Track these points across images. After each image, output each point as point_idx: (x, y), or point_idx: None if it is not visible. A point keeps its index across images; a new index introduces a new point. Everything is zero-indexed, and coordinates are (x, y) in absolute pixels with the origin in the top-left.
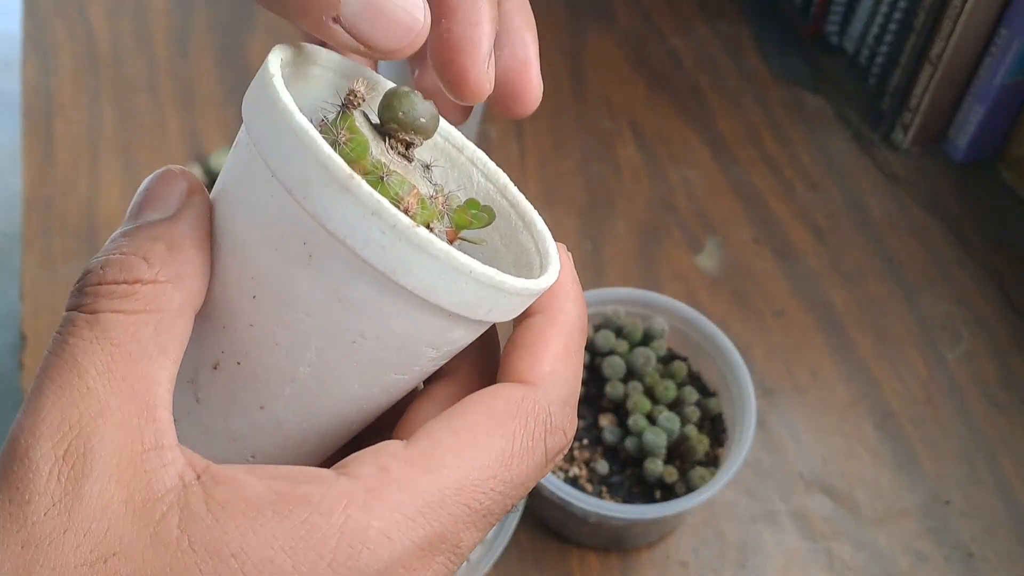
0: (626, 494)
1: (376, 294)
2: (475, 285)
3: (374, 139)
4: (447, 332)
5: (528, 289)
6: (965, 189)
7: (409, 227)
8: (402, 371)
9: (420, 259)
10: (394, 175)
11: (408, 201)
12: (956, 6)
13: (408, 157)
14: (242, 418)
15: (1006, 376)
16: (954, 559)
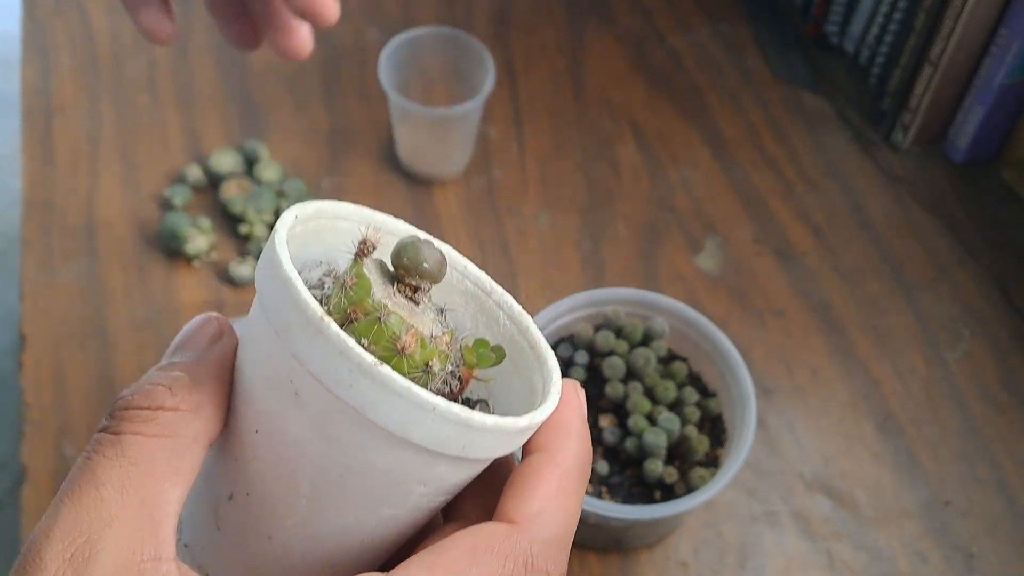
0: (626, 495)
1: (354, 430)
2: (441, 421)
3: (383, 284)
4: (430, 468)
5: (501, 427)
6: (965, 189)
7: (372, 365)
8: (395, 506)
9: (385, 396)
10: (393, 315)
11: (405, 340)
12: (956, 6)
13: (415, 300)
14: (254, 547)
15: (1006, 376)
16: (954, 559)
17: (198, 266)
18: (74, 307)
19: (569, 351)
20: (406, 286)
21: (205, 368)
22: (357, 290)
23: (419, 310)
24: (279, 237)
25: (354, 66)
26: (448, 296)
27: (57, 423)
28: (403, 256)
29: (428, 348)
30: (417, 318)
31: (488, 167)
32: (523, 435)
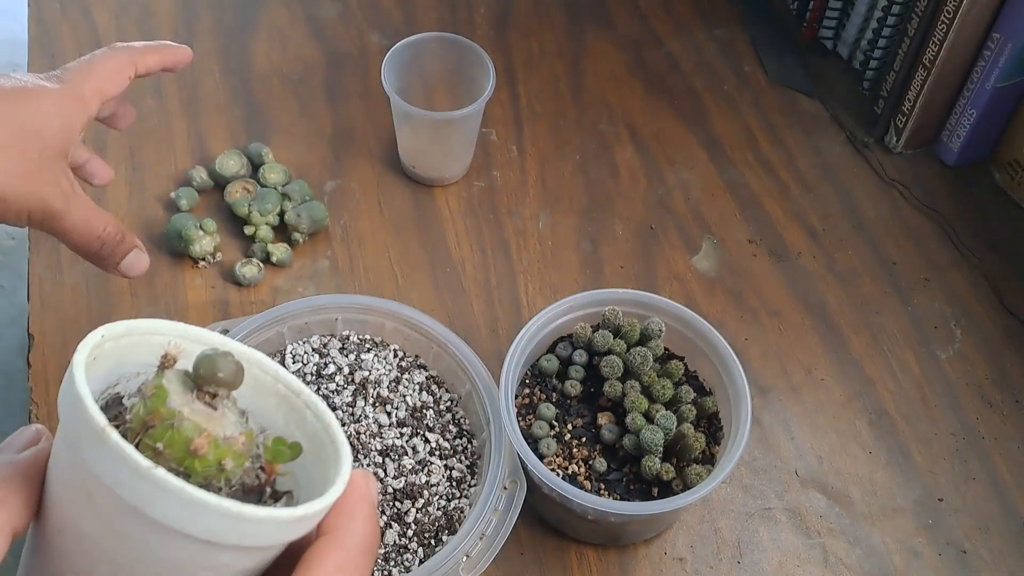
0: (624, 491)
1: (138, 526)
2: (214, 515)
3: (184, 392)
4: (213, 556)
5: (273, 518)
6: (958, 191)
7: (147, 469)
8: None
9: (161, 495)
10: (186, 421)
11: (198, 443)
12: (949, 11)
13: (214, 406)
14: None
15: (998, 375)
16: (947, 556)
17: (203, 267)
18: (81, 307)
19: (568, 350)
20: (205, 393)
21: (14, 467)
22: (154, 399)
23: (218, 414)
24: (77, 358)
25: (357, 70)
26: (263, 398)
27: None
28: (200, 367)
29: (221, 448)
30: (215, 422)
31: (488, 169)
32: (303, 523)
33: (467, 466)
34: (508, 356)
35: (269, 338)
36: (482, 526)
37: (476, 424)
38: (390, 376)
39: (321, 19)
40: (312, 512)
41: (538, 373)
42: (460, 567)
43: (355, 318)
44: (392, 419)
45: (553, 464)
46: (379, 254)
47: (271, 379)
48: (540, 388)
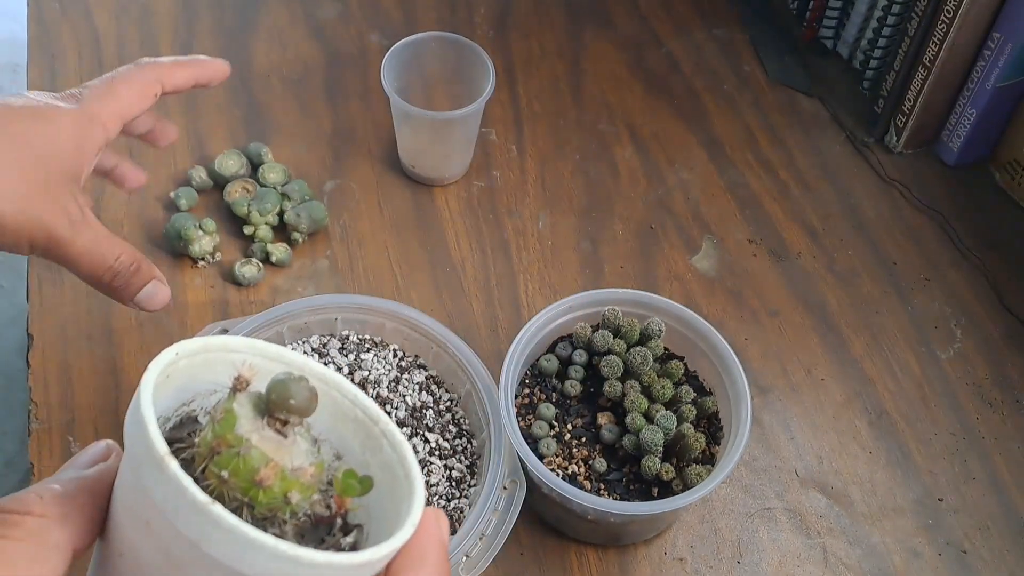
0: (624, 491)
1: (195, 559)
2: (271, 557)
3: (254, 418)
4: None
5: (332, 563)
6: (958, 191)
7: (204, 504)
8: None
9: (217, 532)
10: (253, 449)
11: (264, 473)
12: (949, 10)
13: (284, 433)
14: None
15: (998, 375)
16: (947, 555)
17: (203, 266)
18: (81, 307)
19: (568, 350)
20: (276, 420)
21: (79, 484)
22: (222, 424)
23: (288, 442)
24: (146, 378)
25: (357, 70)
26: (341, 423)
27: (64, 422)
28: (272, 392)
29: (288, 480)
30: (284, 451)
31: (488, 169)
32: (365, 569)
33: (467, 466)
34: (508, 356)
35: (268, 338)
36: (482, 526)
37: (476, 424)
38: (390, 376)
39: (321, 19)
40: (376, 558)
41: (538, 373)
42: (460, 567)
43: (355, 318)
44: (392, 419)
45: (553, 464)
46: (379, 254)
47: (349, 403)
48: (540, 388)
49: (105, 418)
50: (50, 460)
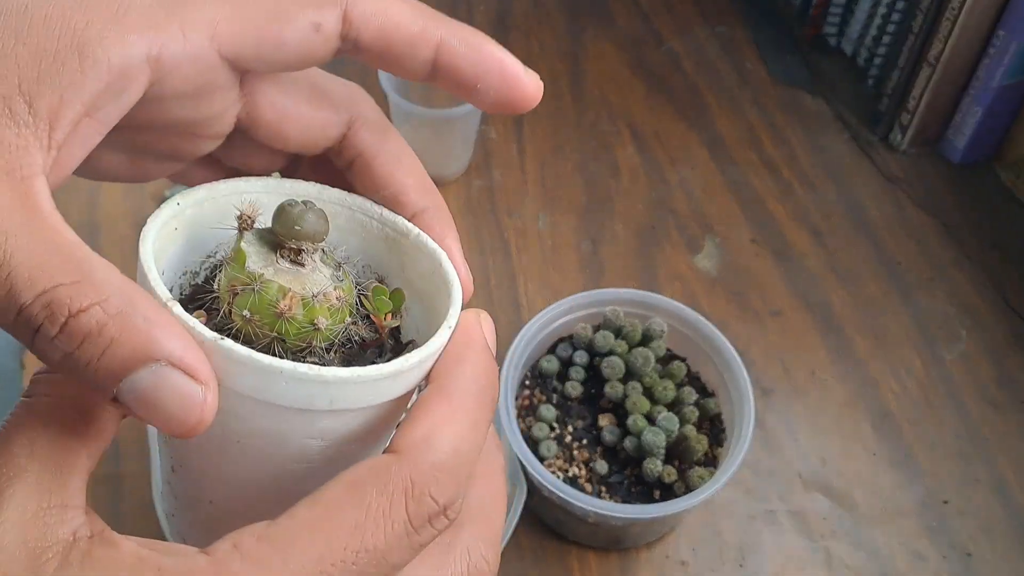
0: (625, 494)
1: (229, 400)
2: (294, 382)
3: (267, 253)
4: (311, 424)
5: (361, 377)
6: (962, 190)
7: (213, 340)
8: (301, 461)
9: (235, 366)
10: (268, 283)
11: (283, 304)
12: (954, 8)
13: (301, 262)
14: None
15: (1003, 376)
16: (952, 558)
17: None
18: None
19: (568, 351)
20: (288, 250)
21: None
22: (233, 265)
23: (307, 271)
24: (146, 229)
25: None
26: (373, 245)
27: None
28: (277, 223)
29: (312, 307)
30: (303, 279)
31: (488, 168)
32: (398, 379)
33: None
34: (508, 357)
35: None
36: None
37: None
38: None
39: None
40: (407, 366)
41: (538, 374)
42: None
43: None
44: None
45: (553, 466)
46: None
47: (377, 223)
48: (540, 389)
49: None
50: None
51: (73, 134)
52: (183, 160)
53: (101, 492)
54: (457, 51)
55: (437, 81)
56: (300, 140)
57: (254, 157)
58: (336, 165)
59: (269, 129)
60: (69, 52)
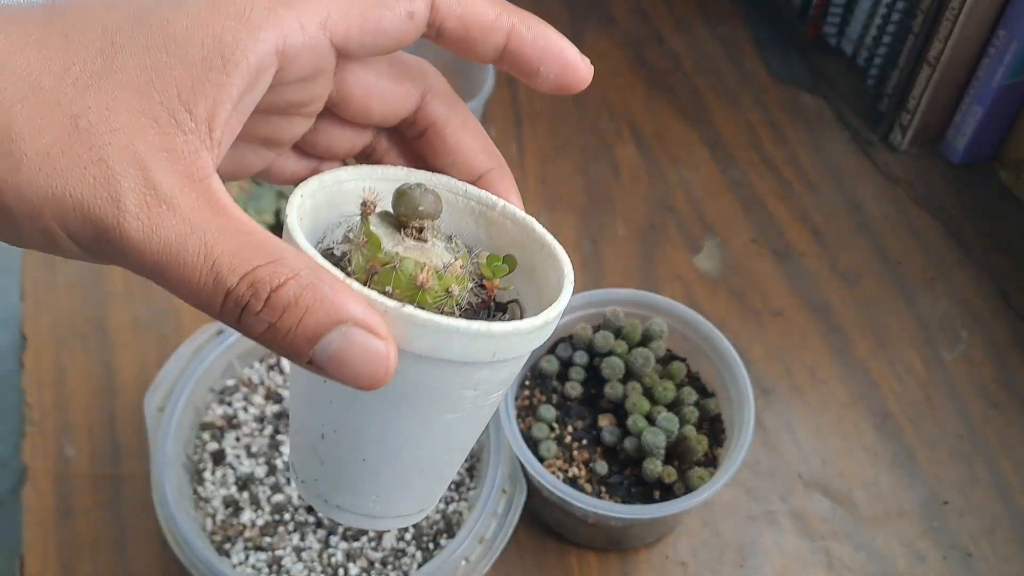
0: (625, 494)
1: (408, 365)
2: (468, 339)
3: (392, 233)
4: (472, 375)
5: (520, 330)
6: (963, 190)
7: (396, 308)
8: (454, 411)
9: (415, 330)
10: (406, 260)
11: (422, 278)
12: (954, 8)
13: (423, 239)
14: (354, 470)
15: (1004, 376)
16: (952, 559)
17: None
18: (75, 307)
19: (568, 351)
20: (411, 228)
21: None
22: (369, 247)
23: (428, 246)
24: (291, 220)
25: None
26: (461, 218)
27: (58, 423)
28: (400, 205)
29: (444, 277)
30: (429, 253)
31: None
32: (546, 329)
33: (466, 469)
34: None
35: None
36: (481, 530)
37: None
38: None
39: None
40: (552, 317)
41: (538, 374)
42: (459, 571)
43: None
44: None
45: (553, 467)
46: None
47: (462, 198)
48: (540, 390)
49: (100, 419)
50: (44, 462)
51: (226, 132)
52: (279, 147)
53: (101, 492)
54: (525, 38)
55: (502, 64)
56: (382, 113)
57: (337, 138)
58: (408, 136)
59: (356, 105)
60: (214, 58)
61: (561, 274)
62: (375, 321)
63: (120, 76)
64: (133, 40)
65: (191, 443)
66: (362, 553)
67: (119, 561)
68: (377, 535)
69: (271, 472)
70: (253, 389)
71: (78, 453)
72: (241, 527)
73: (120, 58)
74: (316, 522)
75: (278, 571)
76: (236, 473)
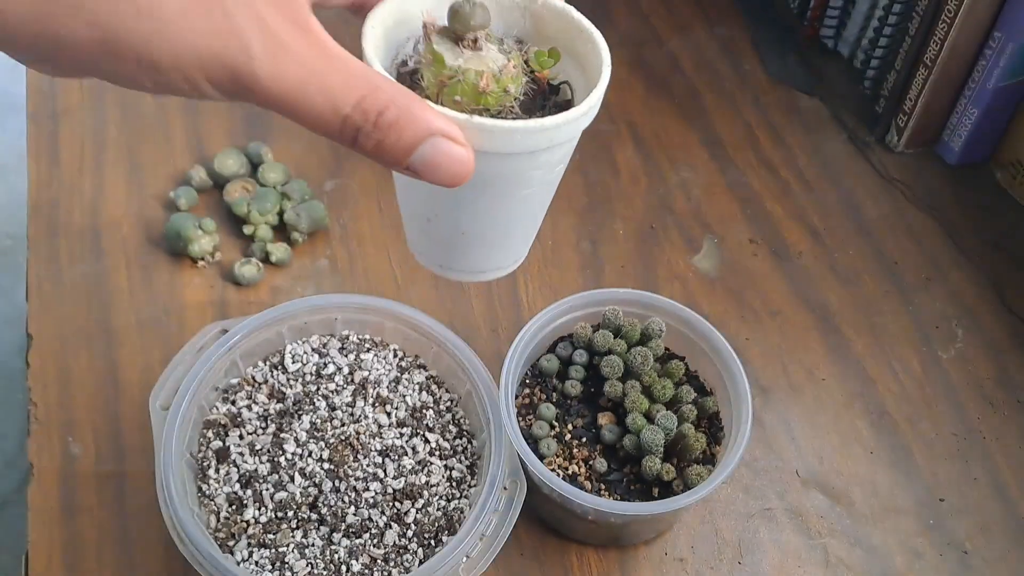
0: (624, 491)
1: (481, 159)
2: (527, 135)
3: (451, 46)
4: (536, 159)
5: (568, 119)
6: (959, 191)
7: (467, 119)
8: (524, 187)
9: (485, 135)
10: (468, 72)
11: (483, 84)
12: (950, 9)
13: (479, 47)
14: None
15: (1000, 375)
16: (949, 556)
17: (202, 266)
18: (80, 307)
19: (568, 350)
20: (468, 41)
21: None
22: (436, 64)
23: (484, 53)
24: (368, 51)
25: None
26: (509, 15)
27: (63, 421)
28: (455, 22)
29: (501, 79)
30: (486, 60)
31: None
32: (590, 113)
33: (467, 466)
34: (508, 356)
35: (268, 338)
36: (482, 527)
37: (476, 424)
38: (390, 376)
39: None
40: (595, 101)
41: (538, 373)
42: (460, 568)
43: (355, 318)
44: (392, 419)
45: (553, 464)
46: (379, 254)
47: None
48: (540, 388)
49: (104, 418)
50: (49, 460)
51: None
52: None
53: (106, 490)
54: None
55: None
56: None
57: None
58: None
59: None
60: None
61: (600, 58)
62: (454, 132)
63: None
64: None
65: (195, 441)
66: (364, 550)
67: (124, 558)
68: (379, 532)
69: (274, 470)
70: (256, 388)
71: (83, 451)
72: (245, 524)
73: None
74: (319, 519)
75: (281, 568)
76: (240, 471)
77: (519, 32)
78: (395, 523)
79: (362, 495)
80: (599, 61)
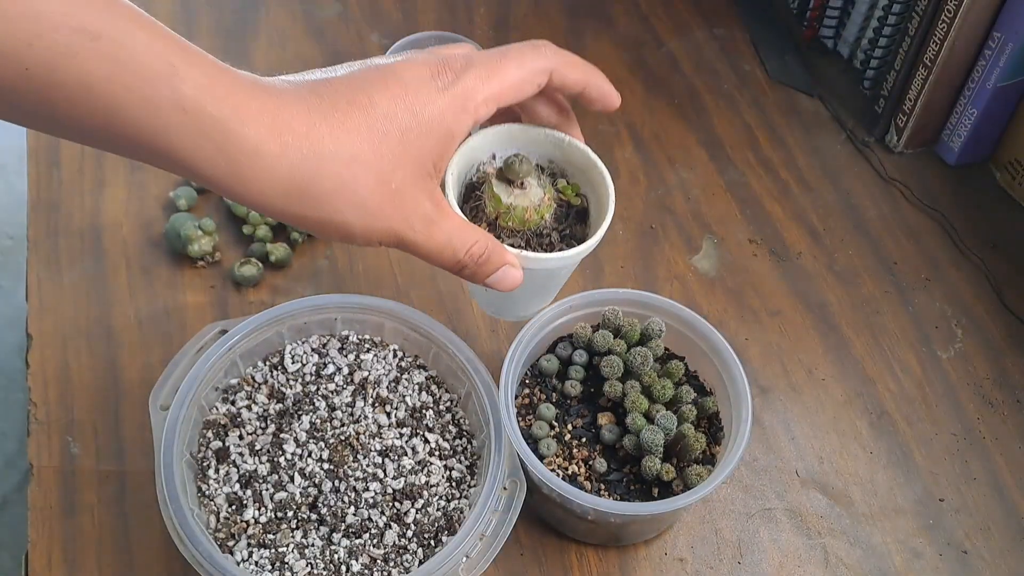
0: (624, 491)
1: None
2: (555, 260)
3: (505, 186)
4: (562, 267)
5: (587, 249)
6: (959, 191)
7: (521, 254)
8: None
9: (530, 259)
10: (517, 208)
11: (527, 216)
12: (950, 10)
13: (524, 186)
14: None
15: (999, 375)
16: (948, 556)
17: (202, 266)
18: (80, 307)
19: (568, 350)
20: (516, 184)
21: None
22: (495, 200)
23: (527, 190)
24: (449, 193)
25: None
26: (546, 149)
27: (63, 422)
28: (507, 172)
29: (540, 209)
30: (529, 195)
31: None
32: (597, 247)
33: (467, 466)
34: (508, 356)
35: (268, 338)
36: (482, 527)
37: (476, 424)
38: (389, 376)
39: (321, 19)
40: (605, 230)
41: (538, 373)
42: (460, 568)
43: (354, 318)
44: (392, 419)
45: (553, 464)
46: (378, 254)
47: (544, 135)
48: (540, 388)
49: (104, 418)
50: (49, 460)
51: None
52: None
53: (106, 490)
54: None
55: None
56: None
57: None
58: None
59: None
60: (448, 138)
61: (607, 188)
62: (514, 261)
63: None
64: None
65: (195, 441)
66: (364, 550)
67: (124, 558)
68: (378, 532)
69: (274, 470)
70: (256, 388)
71: (83, 451)
72: (245, 524)
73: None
74: (319, 520)
75: (281, 568)
76: (239, 471)
77: (553, 158)
78: (395, 523)
79: (362, 495)
80: (607, 190)
